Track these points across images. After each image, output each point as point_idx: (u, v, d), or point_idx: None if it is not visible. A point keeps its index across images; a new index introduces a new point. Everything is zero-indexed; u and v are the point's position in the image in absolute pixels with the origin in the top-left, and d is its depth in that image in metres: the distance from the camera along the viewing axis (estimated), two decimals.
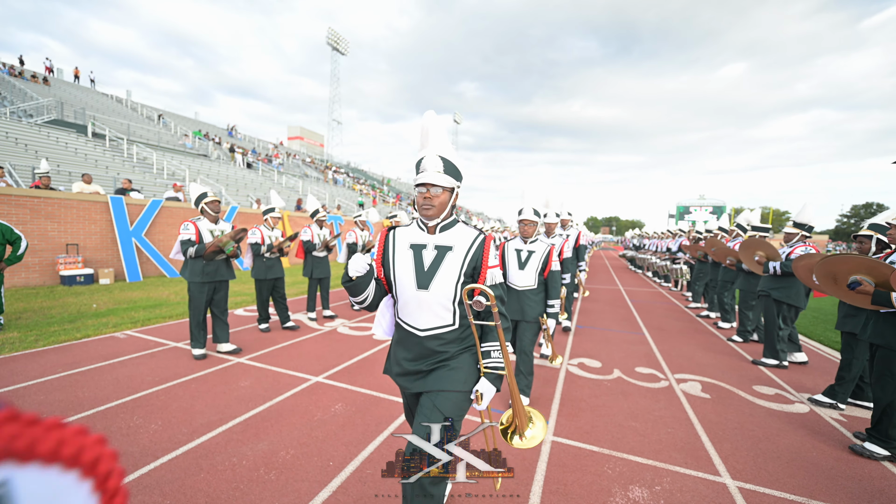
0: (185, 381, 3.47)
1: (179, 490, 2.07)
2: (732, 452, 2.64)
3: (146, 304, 6.34)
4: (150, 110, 29.18)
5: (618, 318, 6.89)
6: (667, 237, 12.51)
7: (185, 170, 16.03)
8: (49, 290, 7.06)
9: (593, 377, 3.93)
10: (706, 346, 5.20)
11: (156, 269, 9.37)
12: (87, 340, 4.44)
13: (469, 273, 1.58)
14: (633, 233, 21.63)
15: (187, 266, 3.97)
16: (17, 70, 24.27)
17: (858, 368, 3.30)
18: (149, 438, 2.53)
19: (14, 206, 7.27)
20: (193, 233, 3.90)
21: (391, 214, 6.54)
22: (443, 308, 1.57)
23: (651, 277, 13.78)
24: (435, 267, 1.57)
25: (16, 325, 4.82)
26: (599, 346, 5.03)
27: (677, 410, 3.25)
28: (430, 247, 1.60)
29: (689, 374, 4.10)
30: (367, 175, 45.82)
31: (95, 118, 19.44)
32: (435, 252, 1.59)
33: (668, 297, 9.61)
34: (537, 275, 3.15)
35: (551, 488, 2.20)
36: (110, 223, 8.66)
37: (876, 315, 2.82)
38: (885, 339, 2.70)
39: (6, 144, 12.31)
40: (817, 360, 4.77)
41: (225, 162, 23.47)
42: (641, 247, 15.88)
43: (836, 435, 2.93)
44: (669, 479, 2.33)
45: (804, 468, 2.49)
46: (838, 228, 71.43)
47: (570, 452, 2.57)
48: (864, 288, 2.76)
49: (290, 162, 32.13)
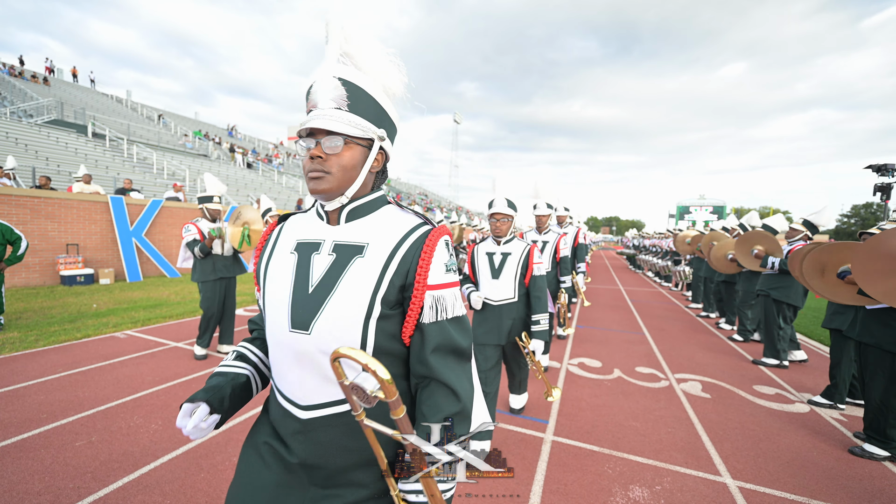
0: (185, 380, 3.47)
1: (180, 490, 2.07)
2: (733, 452, 2.64)
3: (146, 304, 6.34)
4: (150, 110, 29.19)
5: (618, 317, 6.89)
6: (668, 237, 12.51)
7: (186, 170, 16.04)
8: (49, 290, 7.07)
9: (593, 377, 3.93)
10: (706, 346, 5.20)
11: (156, 269, 9.37)
12: (87, 340, 4.45)
13: (392, 299, 0.84)
14: (633, 233, 21.63)
15: (196, 268, 3.98)
16: (17, 70, 24.29)
17: (848, 367, 3.29)
18: (149, 438, 2.53)
19: (14, 206, 7.28)
20: (195, 233, 3.91)
21: None
22: None
23: (651, 277, 13.79)
24: (327, 286, 0.83)
25: (16, 325, 4.82)
26: (600, 346, 5.03)
27: (678, 410, 3.25)
28: (326, 247, 0.88)
29: (689, 374, 4.10)
30: None
31: (95, 118, 19.45)
32: (332, 257, 0.86)
33: (668, 296, 9.61)
34: (516, 284, 2.54)
35: (551, 488, 2.20)
36: (110, 223, 8.66)
37: (864, 313, 2.80)
38: (874, 338, 2.68)
39: (6, 144, 12.33)
40: (817, 360, 4.77)
41: (225, 162, 23.48)
42: (642, 247, 15.88)
43: (836, 435, 2.93)
44: (670, 478, 2.33)
45: (805, 468, 2.49)
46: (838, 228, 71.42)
47: (571, 452, 2.57)
48: (852, 278, 2.72)
49: (291, 162, 32.14)
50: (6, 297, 6.09)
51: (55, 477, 2.12)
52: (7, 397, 3.02)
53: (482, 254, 2.64)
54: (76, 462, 2.26)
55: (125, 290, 7.57)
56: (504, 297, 2.55)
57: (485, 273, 2.59)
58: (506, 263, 2.55)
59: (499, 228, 2.52)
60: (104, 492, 2.03)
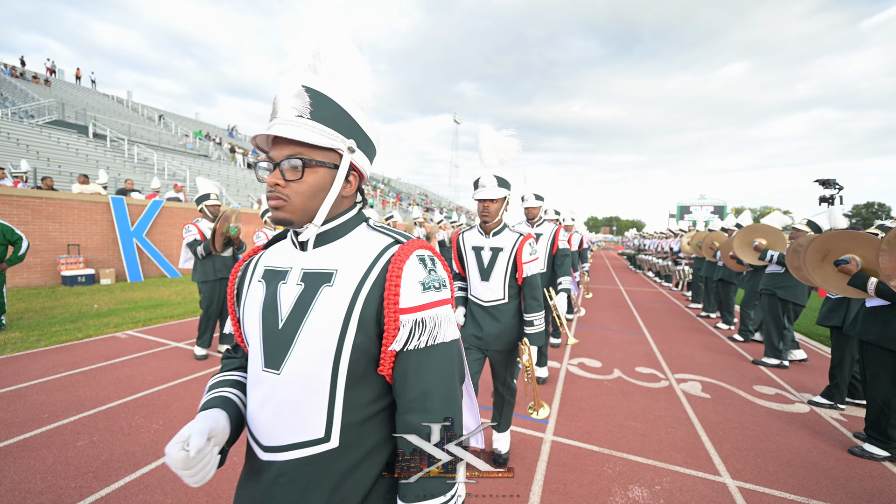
0: (186, 380, 3.48)
1: (181, 489, 2.07)
2: (732, 452, 2.64)
3: (147, 305, 6.35)
4: (150, 111, 29.23)
5: (618, 317, 6.88)
6: (669, 237, 12.50)
7: (186, 170, 16.07)
8: (50, 291, 7.08)
9: (593, 377, 3.94)
10: (706, 346, 5.20)
11: (157, 270, 9.39)
12: (88, 340, 4.46)
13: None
14: (633, 233, 21.64)
15: (197, 268, 3.98)
16: (18, 71, 24.33)
17: (850, 366, 3.28)
18: (150, 438, 2.54)
19: (16, 207, 7.30)
20: (196, 233, 3.92)
21: (388, 216, 6.44)
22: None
23: (651, 277, 13.78)
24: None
25: (18, 326, 4.84)
26: (599, 346, 5.03)
27: (677, 410, 3.25)
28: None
29: (689, 374, 4.10)
30: None
31: (96, 119, 19.48)
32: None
33: (668, 296, 9.61)
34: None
35: (551, 488, 2.21)
36: (111, 223, 8.68)
37: (865, 310, 2.79)
38: (875, 336, 2.66)
39: (7, 145, 12.35)
40: (818, 360, 4.76)
41: (225, 162, 23.51)
42: (643, 248, 15.87)
43: (836, 435, 2.94)
44: (669, 478, 2.33)
45: (804, 468, 2.49)
46: None
47: (570, 452, 2.58)
48: (848, 267, 2.71)
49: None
50: (8, 297, 6.11)
51: (57, 476, 2.13)
52: (9, 397, 3.03)
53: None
54: (78, 462, 2.27)
55: (126, 290, 7.59)
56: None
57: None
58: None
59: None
60: (105, 491, 2.04)
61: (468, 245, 2.25)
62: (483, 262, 2.18)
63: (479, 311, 2.22)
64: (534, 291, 2.15)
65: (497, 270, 2.16)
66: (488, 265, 2.16)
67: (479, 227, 2.22)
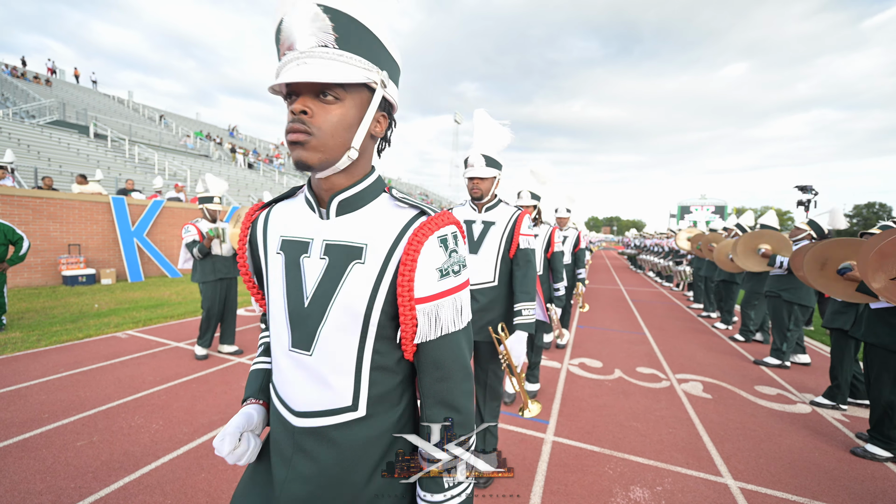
0: (186, 380, 3.48)
1: (181, 489, 2.07)
2: (734, 453, 2.63)
3: (148, 304, 6.35)
4: (151, 111, 29.25)
5: (619, 317, 6.87)
6: (670, 237, 12.49)
7: (187, 170, 16.08)
8: (51, 291, 7.09)
9: (594, 377, 3.93)
10: (707, 346, 5.19)
11: (157, 270, 9.40)
12: (88, 340, 4.46)
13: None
14: (633, 233, 21.63)
15: (197, 269, 3.99)
16: (19, 71, 24.36)
17: (849, 367, 3.27)
18: (150, 438, 2.54)
19: (16, 207, 7.30)
20: (195, 234, 3.92)
21: None
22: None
23: (652, 277, 13.77)
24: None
25: (18, 325, 4.84)
26: (600, 346, 5.02)
27: (678, 410, 3.24)
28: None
29: (690, 374, 4.09)
30: None
31: (97, 119, 19.50)
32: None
33: (669, 296, 9.59)
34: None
35: (552, 488, 2.20)
36: (112, 223, 8.69)
37: (869, 313, 2.78)
38: (880, 338, 2.65)
39: (8, 145, 12.35)
40: (819, 361, 4.75)
41: (226, 162, 23.52)
42: (643, 248, 15.85)
43: (838, 435, 2.92)
44: (671, 479, 2.32)
45: (806, 469, 2.48)
46: None
47: (571, 452, 2.57)
48: (853, 275, 2.69)
49: (292, 162, 32.15)
50: (9, 297, 6.10)
51: (56, 476, 2.13)
52: (9, 397, 3.03)
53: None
54: (77, 462, 2.26)
55: (126, 290, 7.59)
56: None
57: None
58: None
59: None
60: (105, 491, 2.03)
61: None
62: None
63: None
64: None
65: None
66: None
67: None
